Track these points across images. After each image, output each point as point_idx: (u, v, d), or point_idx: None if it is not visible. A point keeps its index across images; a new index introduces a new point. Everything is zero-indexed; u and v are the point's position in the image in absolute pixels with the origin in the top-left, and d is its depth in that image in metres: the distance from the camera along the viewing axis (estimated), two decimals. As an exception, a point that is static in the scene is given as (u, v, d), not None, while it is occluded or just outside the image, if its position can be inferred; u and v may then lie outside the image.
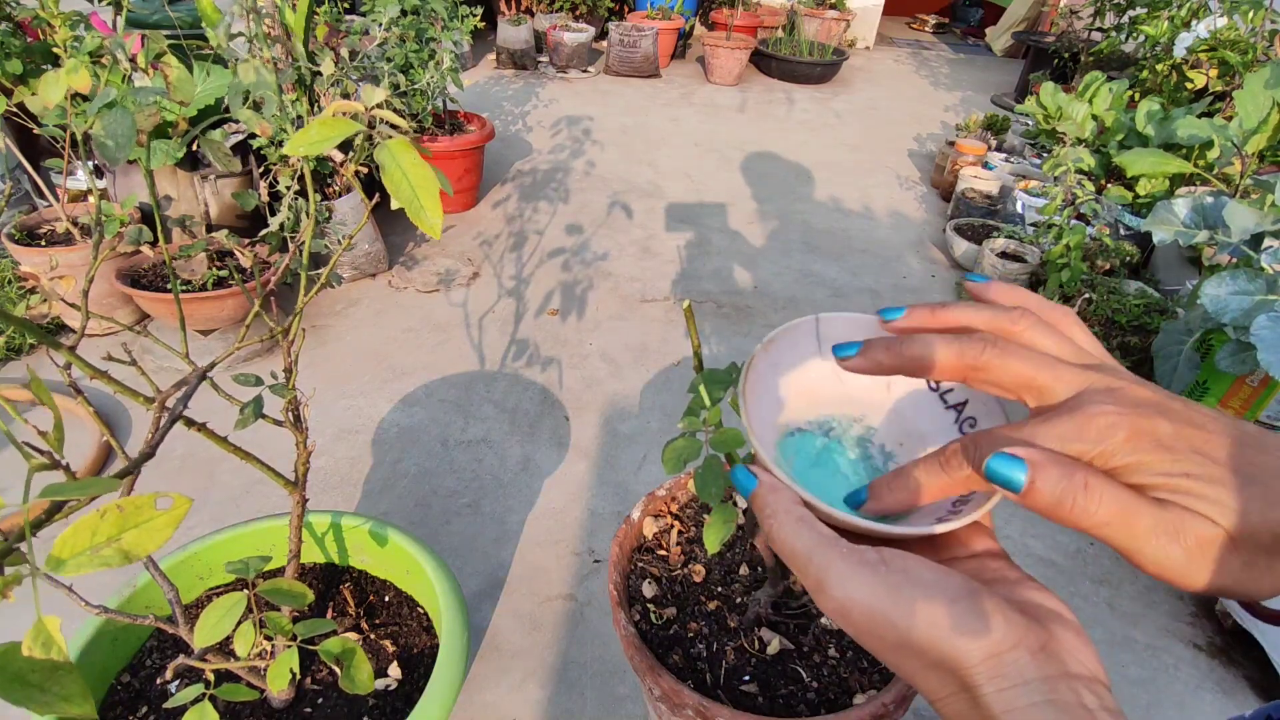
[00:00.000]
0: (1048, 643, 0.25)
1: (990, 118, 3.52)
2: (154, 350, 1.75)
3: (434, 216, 0.44)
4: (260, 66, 1.17)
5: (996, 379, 0.29)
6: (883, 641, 0.26)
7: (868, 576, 0.26)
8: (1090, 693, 0.24)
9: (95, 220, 0.64)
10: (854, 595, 0.26)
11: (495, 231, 2.54)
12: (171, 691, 0.84)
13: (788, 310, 2.21)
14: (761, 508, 0.30)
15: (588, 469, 1.57)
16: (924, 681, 0.26)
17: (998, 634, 0.25)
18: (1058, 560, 1.43)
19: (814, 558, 0.27)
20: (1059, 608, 0.27)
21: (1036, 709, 0.23)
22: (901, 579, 0.26)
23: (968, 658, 0.25)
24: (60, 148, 1.53)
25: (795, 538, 0.28)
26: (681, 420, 0.53)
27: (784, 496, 0.30)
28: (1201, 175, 2.11)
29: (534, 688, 1.14)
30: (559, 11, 4.79)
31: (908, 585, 0.26)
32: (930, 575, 0.26)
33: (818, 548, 0.28)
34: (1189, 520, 0.25)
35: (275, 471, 0.74)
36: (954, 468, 0.29)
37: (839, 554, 0.27)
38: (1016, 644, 0.25)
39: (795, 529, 0.28)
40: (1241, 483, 0.25)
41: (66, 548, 0.34)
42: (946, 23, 7.26)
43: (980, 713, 0.24)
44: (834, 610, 0.27)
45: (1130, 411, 0.26)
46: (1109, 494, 0.25)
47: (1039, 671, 0.24)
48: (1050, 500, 0.25)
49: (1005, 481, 0.26)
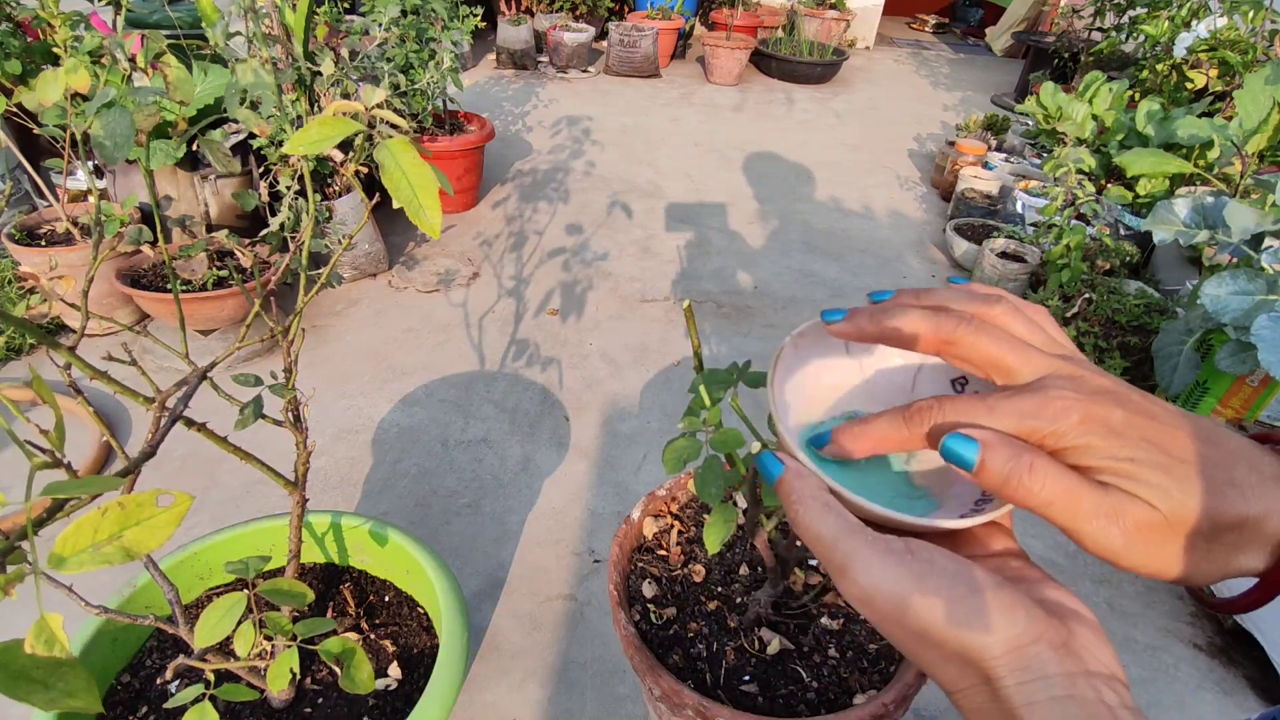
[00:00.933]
0: (1069, 639, 0.25)
1: (990, 118, 3.52)
2: (154, 350, 1.75)
3: (433, 216, 0.44)
4: (259, 67, 1.17)
5: (967, 355, 0.30)
6: (904, 630, 0.26)
7: (893, 565, 0.27)
8: (1110, 690, 0.24)
9: (95, 220, 0.64)
10: (878, 583, 0.26)
11: (495, 231, 2.54)
12: (171, 691, 0.84)
13: (788, 310, 2.21)
14: (788, 493, 0.30)
15: (588, 469, 1.57)
16: (943, 672, 0.26)
17: (1020, 627, 0.25)
18: (1058, 560, 1.43)
19: (840, 543, 0.28)
20: (1078, 606, 0.27)
21: (1058, 703, 0.24)
22: (926, 568, 0.26)
23: (989, 650, 0.25)
24: (60, 148, 1.53)
25: (821, 523, 0.28)
26: (681, 420, 0.53)
27: (810, 482, 0.30)
28: (1201, 175, 2.11)
29: (534, 688, 1.14)
30: (559, 11, 4.79)
31: (932, 575, 0.26)
32: (954, 567, 0.27)
33: (844, 534, 0.28)
34: (1128, 504, 0.26)
35: (275, 471, 0.74)
36: (915, 424, 0.29)
37: (864, 540, 0.27)
38: (1038, 638, 0.25)
39: (821, 514, 0.29)
40: (1185, 471, 0.26)
41: (68, 545, 0.34)
42: (946, 23, 7.26)
43: (1000, 705, 0.24)
44: (857, 597, 0.27)
45: (1086, 398, 0.27)
46: (1053, 475, 0.26)
47: (1060, 667, 0.24)
48: (999, 479, 0.26)
49: (958, 460, 0.27)
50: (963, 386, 0.37)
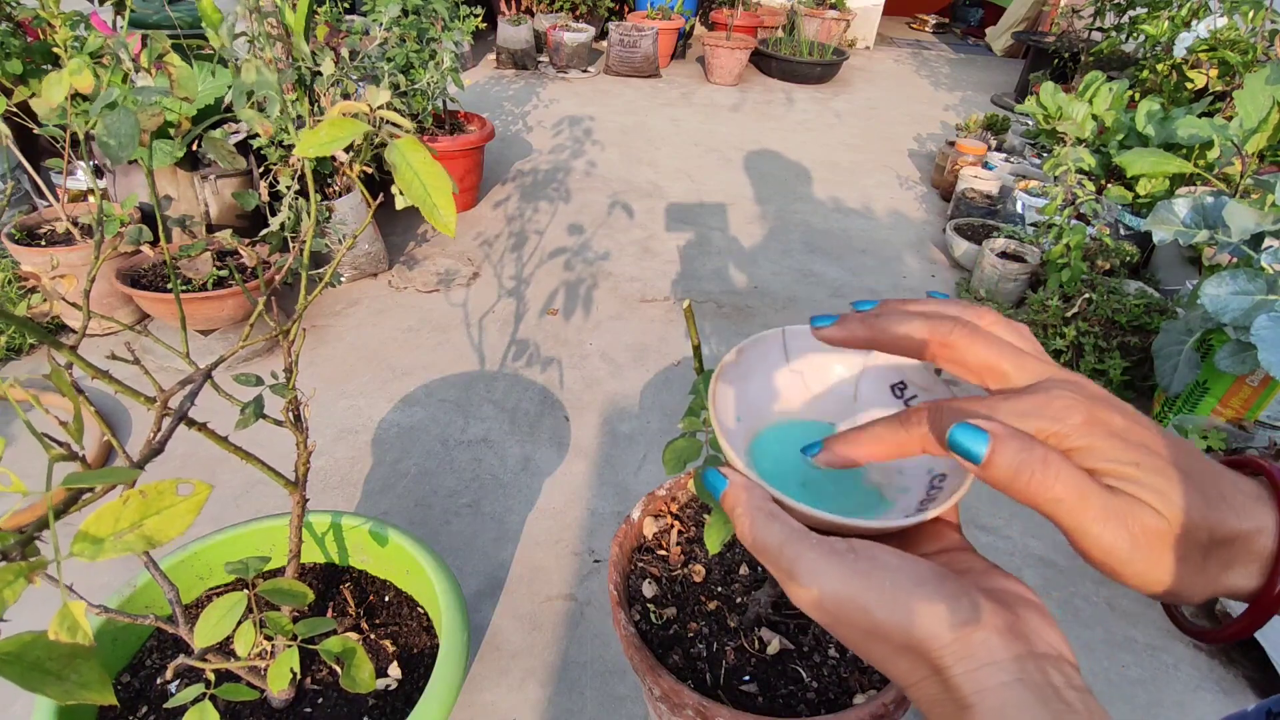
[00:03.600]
0: (1014, 623, 0.25)
1: (990, 118, 3.52)
2: (154, 350, 1.75)
3: (448, 215, 0.44)
4: (262, 67, 1.17)
5: (962, 358, 0.30)
6: (854, 629, 0.26)
7: (837, 565, 0.27)
8: (1057, 671, 0.24)
9: (96, 220, 0.64)
10: (824, 585, 0.26)
11: (495, 231, 2.54)
12: (171, 691, 0.84)
13: (788, 310, 2.21)
14: (732, 506, 0.30)
15: (588, 469, 1.57)
16: (895, 667, 0.26)
17: (965, 615, 0.25)
18: (1058, 560, 1.43)
19: (785, 550, 0.28)
20: (1023, 591, 0.27)
21: (1006, 688, 0.24)
22: (870, 565, 0.26)
23: (937, 639, 0.25)
24: (60, 148, 1.53)
25: (766, 532, 0.28)
26: (681, 420, 0.53)
27: (755, 494, 0.30)
28: (1201, 175, 2.11)
29: (534, 687, 1.14)
30: (559, 11, 4.79)
31: (876, 572, 0.26)
32: (898, 561, 0.27)
33: (788, 541, 0.28)
34: (1137, 508, 0.25)
35: (275, 471, 0.74)
36: (913, 424, 0.29)
37: (808, 545, 0.27)
38: (983, 624, 0.25)
39: (766, 524, 0.29)
40: (1184, 480, 0.26)
41: (93, 531, 0.34)
42: (946, 23, 7.26)
43: (951, 695, 0.24)
44: (806, 601, 0.27)
45: (1088, 400, 0.27)
46: (1066, 472, 0.25)
47: (1007, 651, 0.24)
48: (1008, 473, 0.25)
49: (966, 452, 0.26)
50: (902, 391, 0.37)
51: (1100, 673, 1.23)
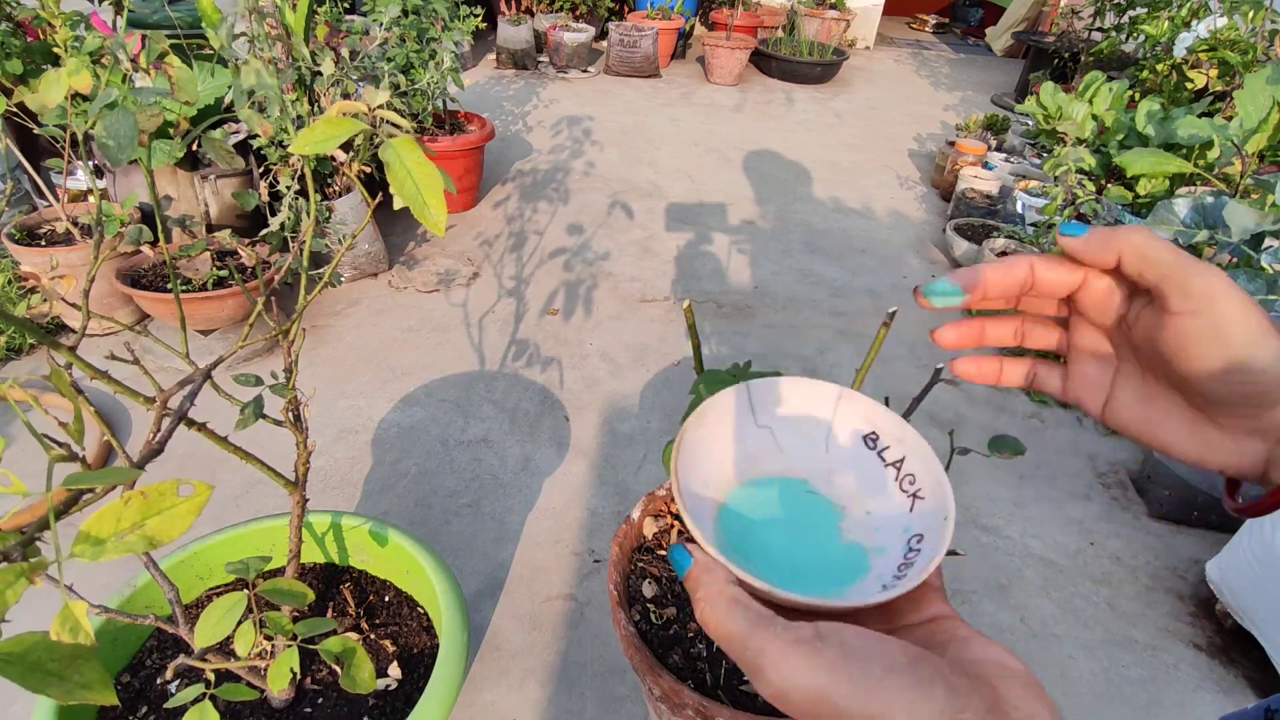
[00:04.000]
0: (995, 702, 0.24)
1: (990, 118, 3.52)
2: (154, 350, 1.75)
3: (439, 215, 0.44)
4: (261, 67, 1.17)
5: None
6: None
7: (804, 656, 0.25)
8: None
9: (96, 220, 0.64)
10: (790, 678, 0.25)
11: (495, 231, 2.54)
12: (171, 691, 0.84)
13: (788, 310, 2.22)
14: (694, 588, 0.29)
15: (588, 469, 1.57)
16: None
17: (940, 703, 0.24)
18: (1058, 560, 1.43)
19: (749, 642, 0.26)
20: (1007, 660, 0.27)
21: None
22: (837, 654, 0.25)
23: None
24: (60, 148, 1.53)
25: (729, 620, 0.27)
26: (682, 420, 0.53)
27: (717, 577, 0.28)
28: (1202, 175, 2.11)
29: (534, 687, 1.14)
30: (559, 11, 4.79)
31: (844, 662, 0.25)
32: (867, 648, 0.25)
33: (752, 630, 0.26)
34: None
35: (275, 471, 0.74)
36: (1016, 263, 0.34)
37: (773, 634, 0.26)
38: (962, 709, 0.24)
39: (729, 610, 0.27)
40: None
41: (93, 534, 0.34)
42: (946, 23, 7.26)
43: None
44: (774, 696, 0.26)
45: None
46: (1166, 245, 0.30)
47: None
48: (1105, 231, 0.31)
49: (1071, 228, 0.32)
50: (874, 443, 0.37)
51: (1100, 673, 1.23)
